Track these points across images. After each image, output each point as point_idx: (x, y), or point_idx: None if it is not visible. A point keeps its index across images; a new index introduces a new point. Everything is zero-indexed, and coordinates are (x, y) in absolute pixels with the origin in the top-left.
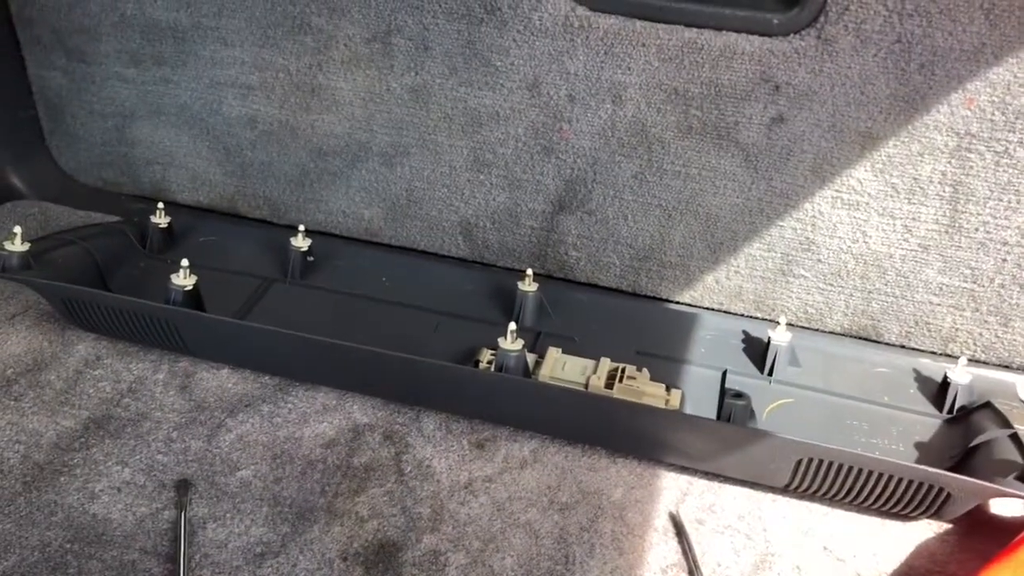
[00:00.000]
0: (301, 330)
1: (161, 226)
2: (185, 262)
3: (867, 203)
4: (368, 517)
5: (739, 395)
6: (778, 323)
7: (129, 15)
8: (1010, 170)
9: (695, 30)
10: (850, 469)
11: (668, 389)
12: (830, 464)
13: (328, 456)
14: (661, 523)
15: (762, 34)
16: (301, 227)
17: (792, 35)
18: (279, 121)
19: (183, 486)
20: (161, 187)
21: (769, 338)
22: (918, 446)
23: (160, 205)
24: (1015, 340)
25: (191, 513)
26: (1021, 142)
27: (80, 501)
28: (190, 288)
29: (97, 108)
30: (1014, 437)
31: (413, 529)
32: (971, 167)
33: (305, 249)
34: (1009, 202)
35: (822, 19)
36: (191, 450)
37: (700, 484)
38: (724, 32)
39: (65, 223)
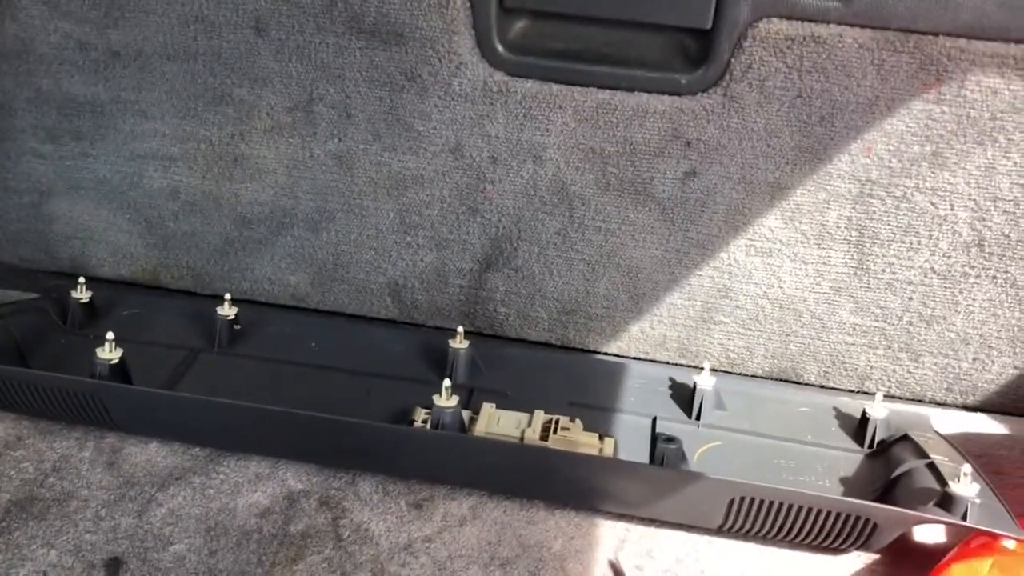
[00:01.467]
0: (231, 398)
1: (82, 301)
2: (111, 335)
3: (779, 250)
4: None
5: (670, 439)
6: (702, 369)
7: (45, 90)
8: (909, 213)
9: (608, 91)
10: (780, 505)
11: (601, 438)
12: (761, 502)
13: (263, 525)
14: (601, 571)
15: (672, 94)
16: (227, 296)
17: (700, 94)
18: (202, 191)
19: (114, 565)
20: (81, 262)
21: (695, 383)
22: (843, 480)
23: (80, 280)
24: (925, 375)
25: None
26: (917, 187)
27: None
28: (116, 361)
29: (12, 184)
30: (931, 466)
31: None
32: (874, 212)
33: (231, 318)
34: (911, 243)
35: (727, 78)
36: (121, 527)
37: (637, 530)
38: (636, 93)
39: None
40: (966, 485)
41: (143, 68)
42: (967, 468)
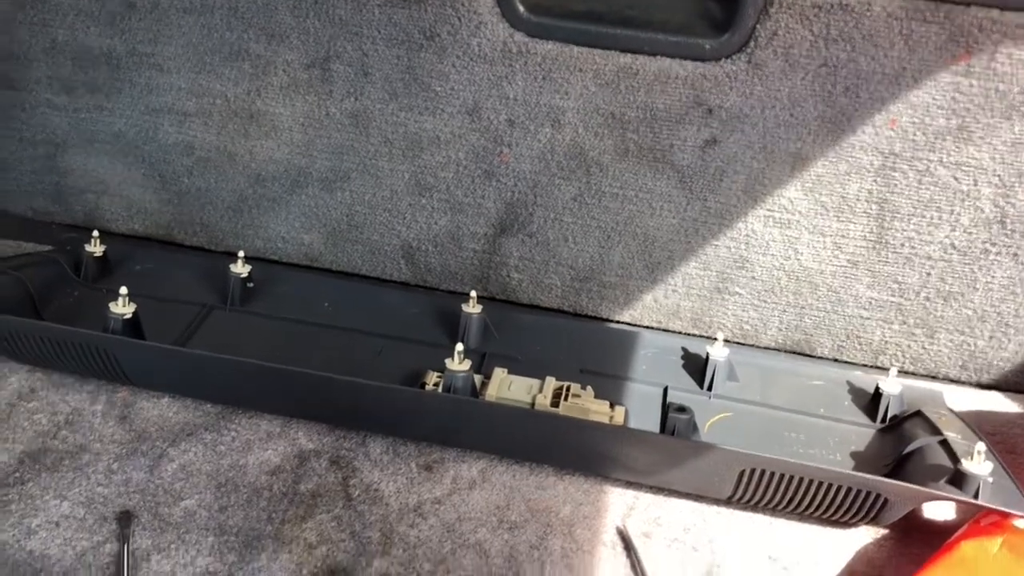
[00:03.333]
0: (243, 356)
1: (96, 255)
2: (124, 290)
3: (798, 221)
4: (317, 543)
5: (681, 409)
6: (715, 339)
7: (61, 41)
8: (931, 188)
9: (630, 55)
10: (791, 478)
11: (612, 406)
12: (772, 474)
13: (274, 483)
14: (609, 538)
15: (695, 59)
16: (240, 253)
17: (723, 60)
18: (216, 147)
19: (125, 518)
20: (94, 216)
21: (707, 354)
22: (854, 455)
23: (95, 234)
24: (940, 351)
25: (134, 545)
26: (941, 161)
27: (16, 538)
28: (129, 316)
29: (27, 136)
30: (943, 443)
31: (363, 554)
32: (895, 185)
33: (245, 275)
34: (931, 218)
35: (752, 44)
36: (132, 481)
37: (646, 498)
38: (658, 57)
39: None
40: (979, 463)
41: (159, 20)
42: (981, 446)
